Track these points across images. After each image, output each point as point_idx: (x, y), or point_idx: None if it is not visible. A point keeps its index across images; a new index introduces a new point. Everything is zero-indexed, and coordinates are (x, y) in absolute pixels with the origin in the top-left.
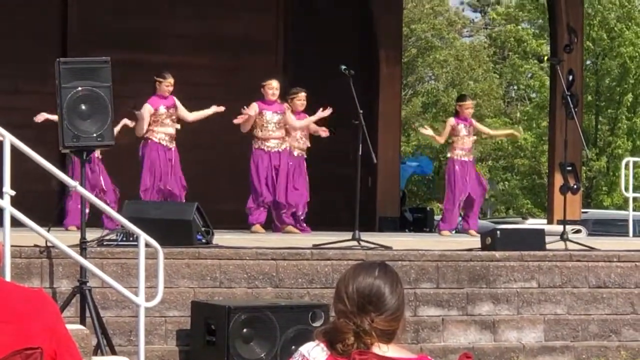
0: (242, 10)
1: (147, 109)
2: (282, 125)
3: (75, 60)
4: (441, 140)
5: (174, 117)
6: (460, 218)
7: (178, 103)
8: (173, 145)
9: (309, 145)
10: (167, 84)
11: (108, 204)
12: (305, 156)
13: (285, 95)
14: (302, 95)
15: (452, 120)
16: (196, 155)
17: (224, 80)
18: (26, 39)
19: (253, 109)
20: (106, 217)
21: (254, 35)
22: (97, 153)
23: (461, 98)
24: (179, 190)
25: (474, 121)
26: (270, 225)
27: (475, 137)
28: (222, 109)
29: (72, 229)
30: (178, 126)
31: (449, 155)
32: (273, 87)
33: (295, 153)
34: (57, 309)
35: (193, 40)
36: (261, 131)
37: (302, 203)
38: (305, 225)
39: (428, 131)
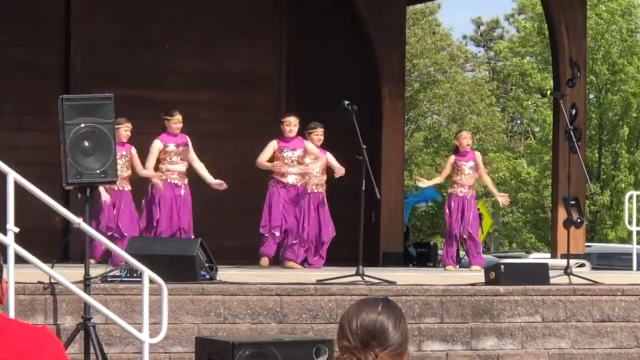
0: (243, 47)
1: (156, 146)
2: (301, 162)
3: (78, 97)
4: (440, 180)
5: (182, 155)
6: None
7: (189, 143)
8: (183, 183)
9: (326, 180)
10: (176, 121)
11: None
12: (324, 190)
13: (303, 130)
14: (320, 130)
15: (452, 159)
16: (199, 190)
17: (226, 116)
18: (29, 75)
19: (272, 147)
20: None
21: (255, 71)
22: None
23: (458, 132)
24: (189, 226)
25: (478, 157)
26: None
27: (476, 175)
28: (224, 186)
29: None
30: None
31: (450, 190)
32: (290, 123)
33: (315, 189)
34: (61, 346)
35: (194, 76)
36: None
37: (329, 237)
38: (321, 258)
39: (426, 183)
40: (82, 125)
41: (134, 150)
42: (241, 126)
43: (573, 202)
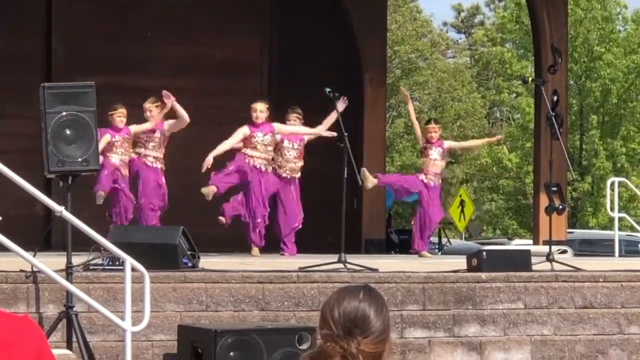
0: (226, 34)
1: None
2: (272, 148)
3: (59, 85)
4: (415, 124)
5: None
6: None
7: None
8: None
9: (302, 164)
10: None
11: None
12: (297, 176)
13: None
14: (294, 115)
15: (424, 143)
16: (182, 179)
17: (209, 103)
18: (10, 64)
19: (242, 132)
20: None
21: (238, 58)
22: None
23: (428, 122)
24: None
25: (446, 145)
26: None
27: (444, 162)
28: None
29: (101, 194)
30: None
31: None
32: (257, 109)
33: (286, 175)
34: (42, 335)
35: (178, 63)
36: (251, 151)
37: (292, 226)
38: (289, 246)
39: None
40: (64, 113)
41: (132, 127)
42: (225, 113)
43: (555, 188)
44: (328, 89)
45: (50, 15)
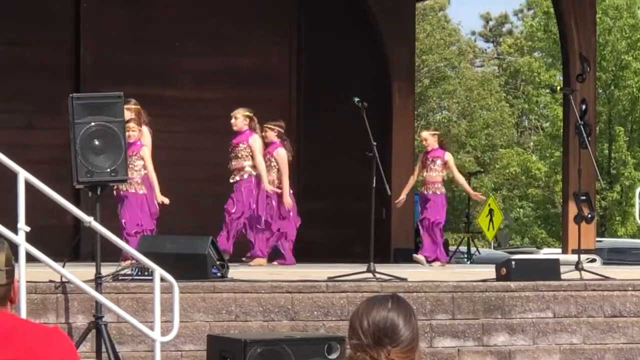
0: (253, 44)
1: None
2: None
3: (88, 95)
4: (412, 179)
5: None
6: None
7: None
8: None
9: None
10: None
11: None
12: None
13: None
14: (271, 126)
15: (421, 155)
16: (212, 188)
17: None
18: (39, 74)
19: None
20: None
21: (266, 68)
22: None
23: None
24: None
25: (448, 158)
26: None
27: (443, 172)
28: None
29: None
30: None
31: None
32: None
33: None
34: (72, 345)
35: (205, 74)
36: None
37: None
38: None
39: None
40: (92, 124)
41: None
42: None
43: (584, 197)
44: (356, 99)
45: (79, 26)
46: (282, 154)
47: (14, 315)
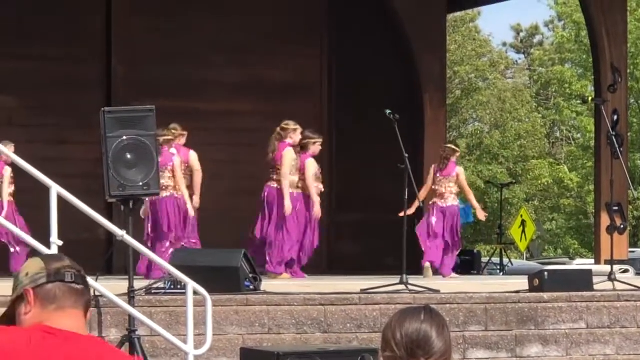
0: (284, 56)
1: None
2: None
3: (120, 109)
4: (424, 193)
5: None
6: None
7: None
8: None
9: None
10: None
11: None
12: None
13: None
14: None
15: (432, 167)
16: (246, 201)
17: (267, 125)
18: (70, 88)
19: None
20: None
21: (296, 80)
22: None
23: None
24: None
25: (459, 172)
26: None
27: (455, 186)
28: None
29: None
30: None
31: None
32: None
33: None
34: None
35: (235, 86)
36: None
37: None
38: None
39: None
40: (124, 137)
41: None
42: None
43: (616, 207)
44: (388, 111)
45: (110, 40)
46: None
47: (102, 342)
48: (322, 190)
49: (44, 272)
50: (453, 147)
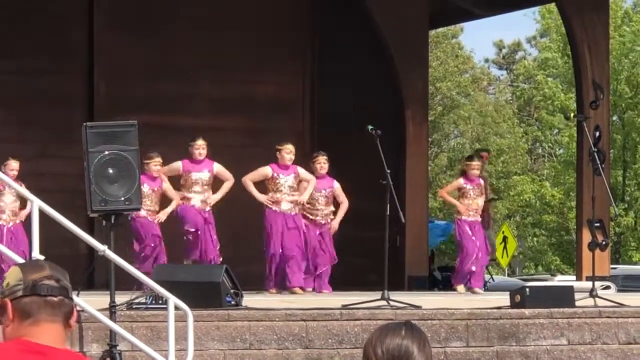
0: (268, 73)
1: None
2: (296, 189)
3: (102, 124)
4: (454, 202)
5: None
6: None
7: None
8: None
9: (333, 209)
10: (197, 146)
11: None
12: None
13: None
14: (322, 159)
15: (460, 181)
16: (225, 217)
17: (251, 141)
18: (53, 104)
19: (265, 172)
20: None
21: (280, 96)
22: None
23: (469, 158)
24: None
25: (482, 182)
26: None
27: (483, 198)
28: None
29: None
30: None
31: (457, 216)
32: (290, 150)
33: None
34: None
35: (219, 102)
36: (275, 194)
37: (327, 264)
38: (325, 284)
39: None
40: (106, 152)
41: (164, 185)
42: (266, 151)
43: (598, 224)
44: (370, 126)
45: (92, 55)
46: None
47: (79, 356)
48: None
49: (21, 283)
50: None
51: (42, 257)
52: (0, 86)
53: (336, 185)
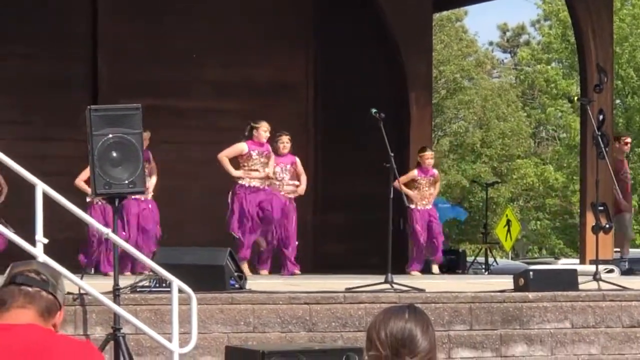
0: (270, 56)
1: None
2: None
3: (106, 107)
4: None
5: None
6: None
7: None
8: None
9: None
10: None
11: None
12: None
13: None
14: (285, 138)
15: (414, 173)
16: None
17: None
18: (56, 88)
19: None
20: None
21: (282, 80)
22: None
23: (422, 149)
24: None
25: (437, 172)
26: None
27: (434, 190)
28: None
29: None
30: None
31: (410, 205)
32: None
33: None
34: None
35: (222, 85)
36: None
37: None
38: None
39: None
40: (110, 135)
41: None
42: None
43: (601, 207)
44: (374, 110)
45: (96, 39)
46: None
47: (49, 331)
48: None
49: (6, 277)
50: None
51: (45, 241)
52: (4, 70)
53: (297, 160)
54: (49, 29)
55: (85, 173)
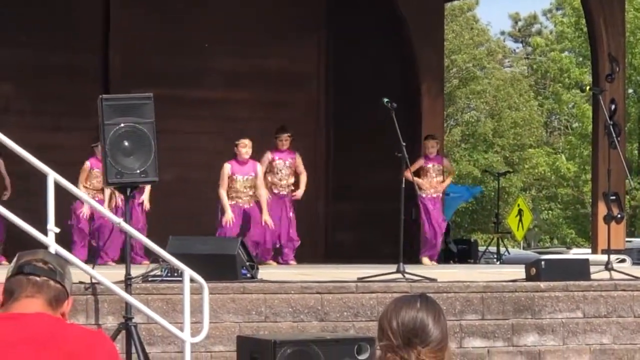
0: (282, 46)
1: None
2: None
3: (117, 96)
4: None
5: None
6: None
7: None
8: None
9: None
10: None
11: None
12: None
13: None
14: (284, 136)
15: (421, 161)
16: None
17: (264, 114)
18: (68, 77)
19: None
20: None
21: (294, 69)
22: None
23: (425, 137)
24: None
25: (446, 162)
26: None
27: (442, 178)
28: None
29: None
30: None
31: (419, 193)
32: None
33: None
34: (114, 348)
35: (233, 75)
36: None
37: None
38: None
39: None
40: (122, 125)
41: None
42: (280, 124)
43: (613, 197)
44: (385, 99)
45: (108, 28)
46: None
47: (59, 319)
48: None
49: (14, 267)
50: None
51: (57, 230)
52: (16, 60)
53: (297, 156)
54: (60, 19)
55: (84, 173)
